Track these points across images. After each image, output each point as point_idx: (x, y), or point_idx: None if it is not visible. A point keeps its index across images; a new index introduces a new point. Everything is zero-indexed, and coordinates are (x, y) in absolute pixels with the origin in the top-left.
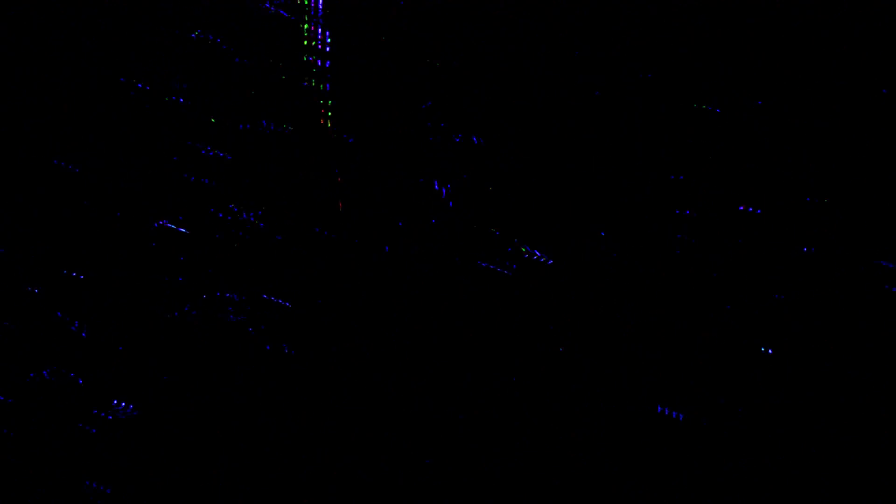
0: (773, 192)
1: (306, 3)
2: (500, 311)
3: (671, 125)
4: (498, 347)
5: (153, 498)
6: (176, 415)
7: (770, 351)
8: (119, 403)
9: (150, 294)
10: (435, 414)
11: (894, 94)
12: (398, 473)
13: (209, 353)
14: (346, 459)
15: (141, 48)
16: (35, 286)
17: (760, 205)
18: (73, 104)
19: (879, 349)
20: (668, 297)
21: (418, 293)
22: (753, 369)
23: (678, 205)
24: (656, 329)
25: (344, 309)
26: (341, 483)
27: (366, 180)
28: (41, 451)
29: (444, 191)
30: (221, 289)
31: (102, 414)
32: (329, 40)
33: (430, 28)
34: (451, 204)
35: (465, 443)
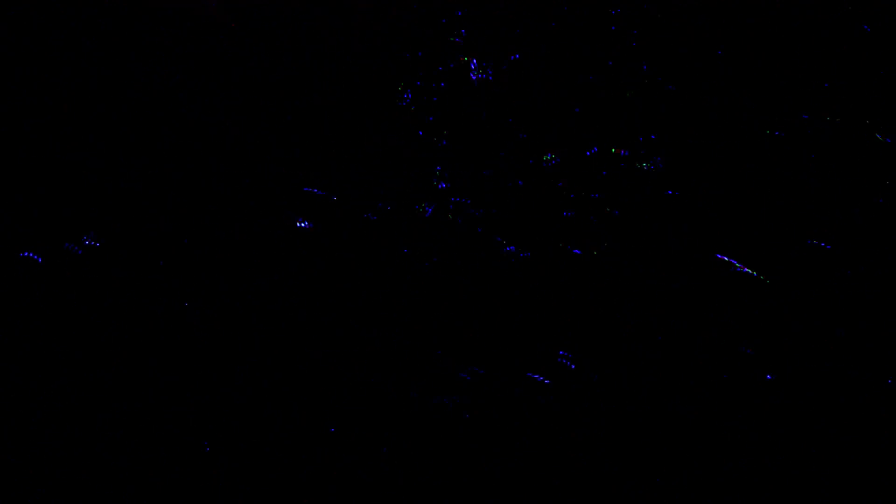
0: (772, 192)
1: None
2: (500, 310)
3: (671, 125)
4: (497, 347)
5: (153, 498)
6: (176, 415)
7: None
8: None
9: (150, 294)
10: (435, 414)
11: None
12: (398, 473)
13: (209, 353)
14: (346, 459)
15: (141, 48)
16: (35, 286)
17: (760, 205)
18: (73, 104)
19: (879, 349)
20: (668, 297)
21: (418, 292)
22: (753, 369)
23: (678, 204)
24: (656, 329)
25: (344, 309)
26: (341, 483)
27: (366, 180)
28: (41, 451)
29: (444, 186)
30: (221, 289)
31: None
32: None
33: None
34: (450, 204)
35: (465, 443)
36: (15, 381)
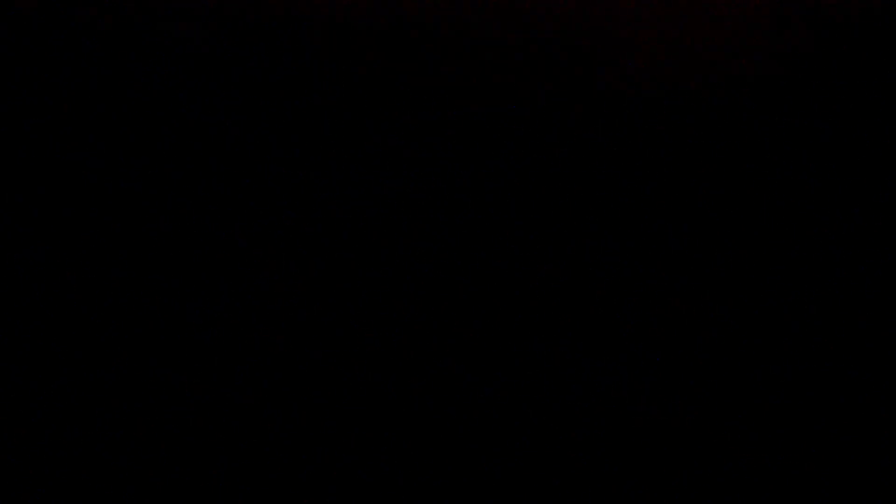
0: (773, 192)
1: None
2: (500, 310)
3: (672, 125)
4: (498, 347)
5: (153, 498)
6: (176, 415)
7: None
8: None
9: (150, 293)
10: (435, 414)
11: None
12: (398, 473)
13: (209, 352)
14: (346, 459)
15: (141, 48)
16: (35, 286)
17: (761, 205)
18: (73, 104)
19: (879, 349)
20: (668, 296)
21: (418, 292)
22: (753, 369)
23: (678, 204)
24: (656, 329)
25: (344, 309)
26: (341, 483)
27: (366, 180)
28: (41, 451)
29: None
30: (221, 289)
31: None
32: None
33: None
34: (450, 204)
35: (465, 443)
36: (15, 381)
